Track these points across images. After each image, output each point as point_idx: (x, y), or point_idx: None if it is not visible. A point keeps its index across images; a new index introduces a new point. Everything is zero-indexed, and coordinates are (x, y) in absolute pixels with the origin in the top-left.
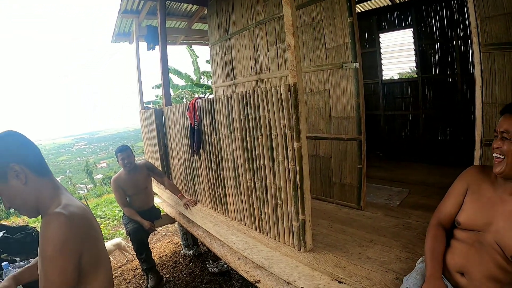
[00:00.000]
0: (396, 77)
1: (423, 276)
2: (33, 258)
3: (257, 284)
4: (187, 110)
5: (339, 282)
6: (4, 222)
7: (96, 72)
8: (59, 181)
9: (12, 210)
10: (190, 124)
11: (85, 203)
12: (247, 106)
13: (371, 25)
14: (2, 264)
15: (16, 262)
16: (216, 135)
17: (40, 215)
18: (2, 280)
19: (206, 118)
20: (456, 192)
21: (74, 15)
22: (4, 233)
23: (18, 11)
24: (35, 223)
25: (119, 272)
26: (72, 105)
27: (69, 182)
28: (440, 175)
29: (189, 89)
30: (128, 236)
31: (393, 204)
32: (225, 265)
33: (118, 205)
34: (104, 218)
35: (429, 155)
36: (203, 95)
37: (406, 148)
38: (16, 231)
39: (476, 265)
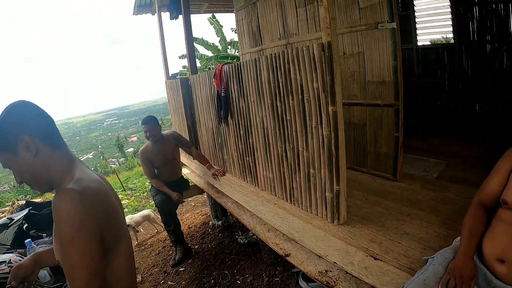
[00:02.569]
0: (431, 42)
1: (455, 253)
2: None
3: (287, 258)
4: (214, 77)
5: (375, 258)
6: (39, 199)
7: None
8: (90, 156)
9: None
10: (217, 91)
11: (116, 176)
12: (276, 69)
13: None
14: (25, 241)
15: (43, 238)
16: (244, 101)
17: (54, 190)
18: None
19: (233, 84)
20: (500, 170)
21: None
22: (30, 209)
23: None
24: None
25: (148, 243)
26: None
27: (101, 157)
28: (478, 148)
29: (215, 60)
30: (156, 208)
31: (431, 176)
32: (254, 236)
33: None
34: (135, 190)
35: (466, 126)
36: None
37: (442, 118)
38: (43, 207)
39: None
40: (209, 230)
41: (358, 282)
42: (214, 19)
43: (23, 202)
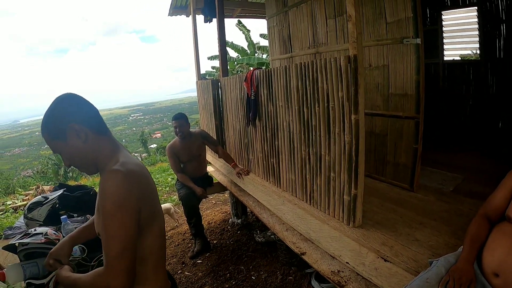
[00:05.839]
0: (458, 58)
1: (458, 258)
2: (90, 215)
3: (302, 256)
4: (244, 81)
5: (385, 260)
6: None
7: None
8: None
9: (70, 174)
10: (247, 94)
11: None
12: (305, 77)
13: (433, 1)
14: (61, 217)
15: (74, 217)
16: (272, 105)
17: (98, 172)
18: (61, 232)
19: (263, 88)
20: (505, 186)
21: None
22: (64, 190)
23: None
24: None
25: (168, 235)
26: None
27: (126, 149)
28: (498, 165)
29: (246, 62)
30: (180, 201)
31: (447, 189)
32: (272, 236)
33: (170, 173)
34: (157, 185)
35: (488, 143)
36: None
37: (464, 133)
38: (75, 190)
39: None
40: (228, 227)
41: (368, 283)
42: (241, 25)
43: (47, 187)
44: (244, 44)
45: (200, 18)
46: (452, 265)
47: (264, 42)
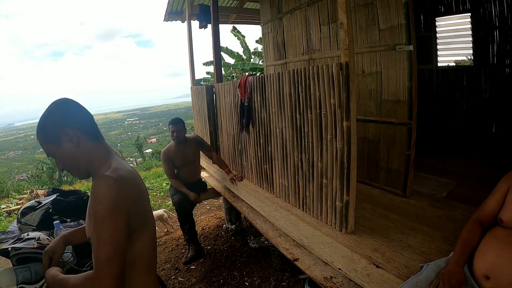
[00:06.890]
0: (452, 64)
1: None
2: (83, 220)
3: (295, 262)
4: (238, 87)
5: (377, 266)
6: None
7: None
8: None
9: (64, 178)
10: (241, 100)
11: None
12: (298, 84)
13: (427, 8)
14: (54, 222)
15: (67, 222)
16: (266, 112)
17: (90, 177)
18: (53, 237)
19: (256, 95)
20: (498, 191)
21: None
22: (57, 195)
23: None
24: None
25: (162, 240)
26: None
27: (120, 155)
28: (491, 170)
29: (240, 68)
30: (173, 207)
31: (440, 195)
32: (266, 242)
33: (165, 178)
34: (151, 190)
35: (481, 148)
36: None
37: (457, 139)
38: (69, 194)
39: (508, 266)
40: (222, 233)
41: None
42: (236, 31)
43: (42, 191)
44: (239, 50)
45: (195, 24)
46: (442, 269)
47: (261, 48)
